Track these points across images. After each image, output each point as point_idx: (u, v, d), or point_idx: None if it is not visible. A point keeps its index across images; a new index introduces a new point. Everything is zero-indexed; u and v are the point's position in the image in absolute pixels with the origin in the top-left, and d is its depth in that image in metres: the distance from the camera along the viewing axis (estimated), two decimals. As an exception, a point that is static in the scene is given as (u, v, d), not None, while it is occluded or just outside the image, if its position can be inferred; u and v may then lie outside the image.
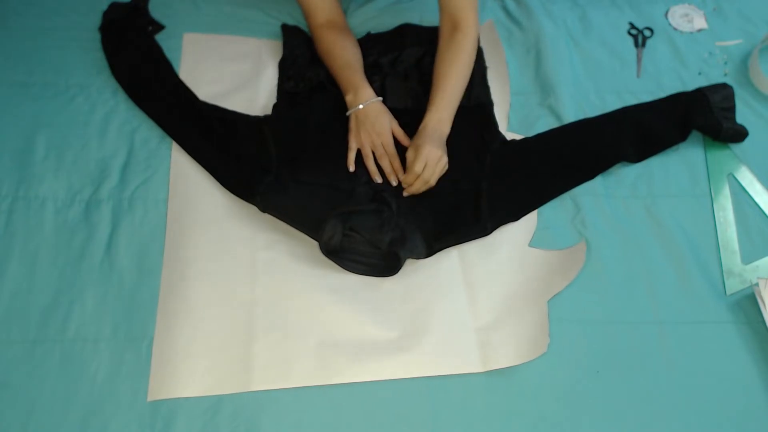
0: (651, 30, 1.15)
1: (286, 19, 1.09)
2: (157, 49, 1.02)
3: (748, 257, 0.88)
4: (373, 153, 0.89)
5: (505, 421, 0.74)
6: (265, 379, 0.74)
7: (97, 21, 1.04)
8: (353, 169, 0.89)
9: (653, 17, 1.17)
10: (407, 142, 0.90)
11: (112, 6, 1.06)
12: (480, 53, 1.05)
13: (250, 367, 0.75)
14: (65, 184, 0.87)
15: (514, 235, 0.88)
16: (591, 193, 0.93)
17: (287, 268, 0.83)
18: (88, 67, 0.99)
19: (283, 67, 1.02)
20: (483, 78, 1.02)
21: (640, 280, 0.85)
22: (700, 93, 1.02)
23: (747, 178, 0.96)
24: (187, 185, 0.89)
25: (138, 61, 1.00)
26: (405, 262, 0.82)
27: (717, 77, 1.08)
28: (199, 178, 0.90)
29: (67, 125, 0.93)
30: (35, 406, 0.71)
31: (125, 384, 0.73)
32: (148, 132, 0.93)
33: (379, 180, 0.88)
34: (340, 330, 0.78)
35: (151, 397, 0.72)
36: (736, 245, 0.89)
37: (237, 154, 0.91)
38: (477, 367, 0.76)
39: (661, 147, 0.98)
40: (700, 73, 1.09)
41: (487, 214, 0.87)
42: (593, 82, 1.06)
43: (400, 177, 0.88)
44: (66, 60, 1.00)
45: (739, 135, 0.99)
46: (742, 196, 0.95)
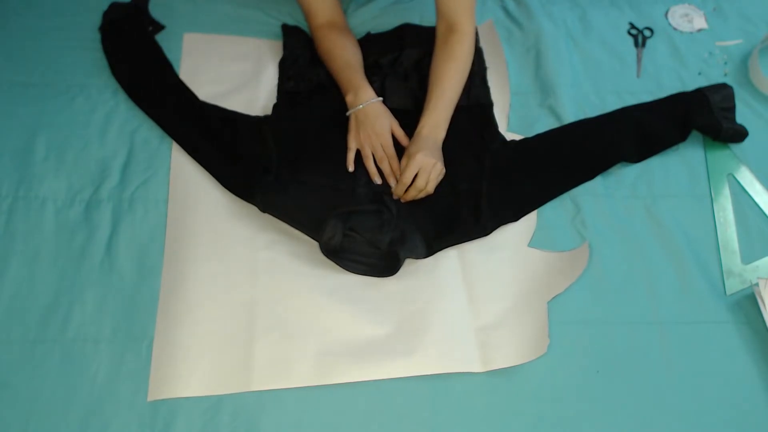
0: (651, 30, 1.15)
1: (286, 20, 1.09)
2: (157, 49, 1.02)
3: (748, 257, 0.88)
4: (373, 154, 0.89)
5: (505, 421, 0.74)
6: (266, 379, 0.74)
7: (97, 21, 1.04)
8: (352, 169, 0.89)
9: (653, 17, 1.17)
10: (407, 143, 0.90)
11: (112, 6, 1.06)
12: (479, 53, 1.05)
13: (250, 367, 0.75)
14: (65, 184, 0.87)
15: (513, 235, 0.88)
16: (591, 193, 0.93)
17: (287, 268, 0.83)
18: (89, 68, 0.99)
19: (283, 67, 1.02)
20: (483, 78, 1.02)
21: (640, 280, 0.85)
22: (700, 93, 1.02)
23: (747, 178, 0.96)
24: (187, 185, 0.89)
25: (138, 61, 1.00)
26: (404, 262, 0.82)
27: (717, 77, 1.08)
28: (199, 178, 0.90)
29: (68, 125, 0.93)
30: (35, 406, 0.71)
31: (125, 384, 0.73)
32: (148, 132, 0.94)
33: (378, 181, 0.88)
34: (340, 330, 0.78)
35: (151, 397, 0.72)
36: (736, 245, 0.89)
37: (237, 154, 0.91)
38: (477, 367, 0.76)
39: (661, 147, 0.98)
40: (700, 73, 1.09)
41: (486, 214, 0.87)
42: (593, 82, 1.06)
43: (398, 177, 0.88)
44: (66, 60, 1.00)
45: (739, 135, 0.99)
46: (742, 196, 0.95)
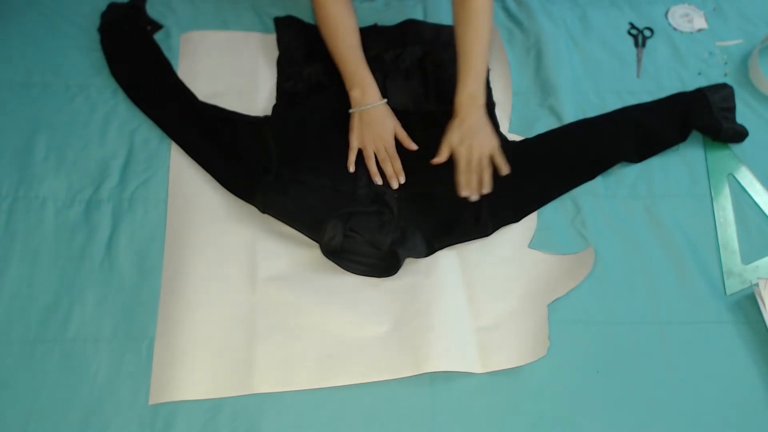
0: (651, 30, 1.15)
1: (281, 14, 1.08)
2: (156, 48, 1.02)
3: (748, 257, 0.88)
4: (375, 155, 0.89)
5: (505, 421, 0.74)
6: (267, 381, 0.74)
7: (96, 21, 1.04)
8: (353, 169, 0.89)
9: (653, 17, 1.17)
10: (411, 146, 0.90)
11: (111, 6, 1.06)
12: None
13: (251, 369, 0.75)
14: (65, 184, 0.87)
15: (514, 236, 0.88)
16: (591, 193, 0.93)
17: (287, 269, 0.83)
18: (88, 68, 0.99)
19: (280, 66, 1.02)
20: (485, 80, 1.02)
21: (640, 281, 0.85)
22: (700, 93, 1.02)
23: (747, 178, 0.96)
24: (187, 185, 0.89)
25: (137, 61, 1.00)
26: (404, 261, 0.82)
27: (717, 77, 1.08)
28: (199, 178, 0.89)
29: (67, 125, 0.93)
30: (35, 406, 0.71)
31: (125, 384, 0.73)
32: (148, 132, 0.93)
33: (379, 182, 0.88)
34: (341, 331, 0.78)
35: (152, 401, 0.72)
36: (736, 245, 0.89)
37: (237, 155, 0.91)
38: (477, 368, 0.76)
39: (661, 147, 0.97)
40: (700, 73, 1.09)
41: (487, 214, 0.87)
42: (593, 82, 1.06)
43: (401, 180, 0.89)
44: (66, 60, 1.00)
45: (739, 135, 0.99)
46: (742, 196, 0.95)
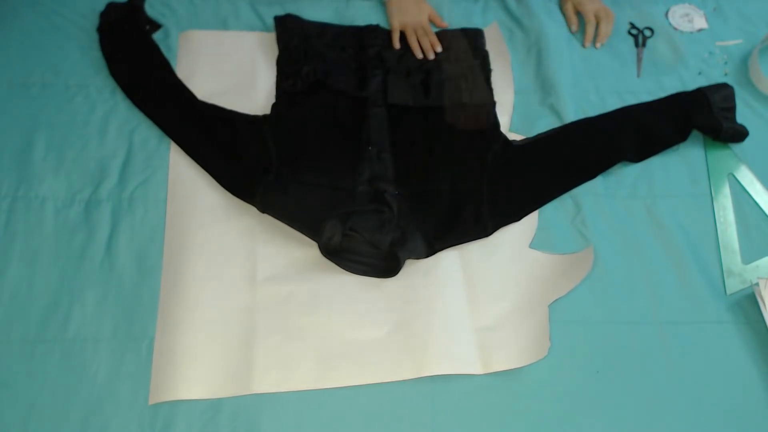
0: (651, 30, 1.14)
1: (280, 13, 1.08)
2: (155, 48, 1.02)
3: (748, 257, 0.88)
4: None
5: (505, 421, 0.74)
6: (266, 382, 0.74)
7: (95, 21, 1.04)
8: (398, 46, 1.04)
9: (653, 17, 1.17)
10: (443, 23, 1.08)
11: (110, 6, 1.05)
12: (485, 56, 1.05)
13: (250, 370, 0.75)
14: (65, 184, 0.87)
15: (514, 236, 0.88)
16: (591, 193, 0.93)
17: (287, 269, 0.82)
18: (87, 67, 0.99)
19: (280, 65, 1.02)
20: (486, 80, 1.02)
21: (640, 280, 0.85)
22: (700, 93, 1.02)
23: (747, 178, 0.96)
24: (187, 185, 0.89)
25: (136, 61, 1.00)
26: (405, 262, 0.82)
27: (717, 77, 1.08)
28: (199, 178, 0.89)
29: (67, 125, 0.93)
30: (35, 406, 0.71)
31: (125, 384, 0.73)
32: (147, 131, 0.93)
33: (420, 56, 1.03)
34: (341, 332, 0.78)
35: (152, 401, 0.72)
36: (736, 245, 0.89)
37: (236, 155, 0.91)
38: (477, 369, 0.76)
39: (661, 147, 0.97)
40: (700, 73, 1.09)
41: (487, 214, 0.87)
42: (593, 82, 1.06)
43: (437, 49, 1.03)
44: (65, 60, 1.00)
45: (739, 135, 0.99)
46: (742, 196, 0.95)
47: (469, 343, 0.78)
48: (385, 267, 0.82)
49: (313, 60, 1.00)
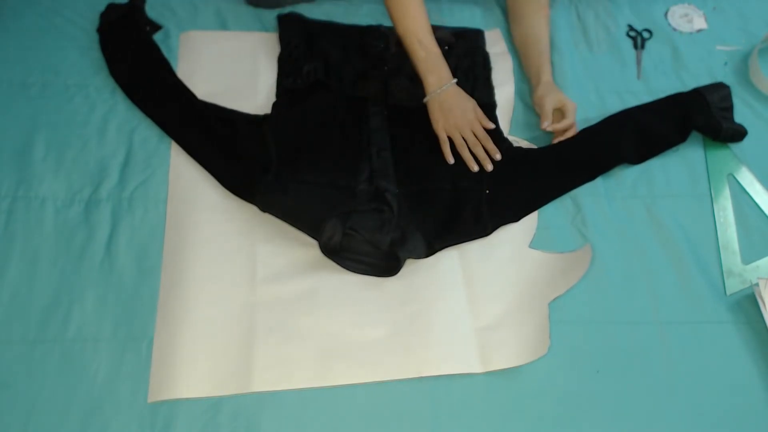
0: (650, 32, 1.15)
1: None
2: (155, 49, 1.02)
3: (748, 257, 0.88)
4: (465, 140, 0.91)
5: (505, 421, 0.74)
6: (266, 380, 0.74)
7: (95, 20, 1.04)
8: (452, 161, 0.91)
9: (653, 17, 1.17)
10: (490, 124, 0.93)
11: (110, 7, 1.06)
12: (486, 56, 1.06)
13: (250, 368, 0.75)
14: (65, 184, 0.87)
15: (514, 235, 0.88)
16: (591, 193, 0.93)
17: (287, 269, 0.82)
18: (87, 67, 0.99)
19: (281, 62, 1.02)
20: (487, 79, 1.02)
21: (640, 280, 0.85)
22: (698, 93, 1.02)
23: (747, 178, 0.96)
24: (187, 185, 0.89)
25: (136, 61, 1.00)
26: (405, 262, 0.82)
27: (717, 77, 1.08)
28: (199, 177, 0.89)
29: (66, 125, 0.93)
30: (35, 406, 0.71)
31: (125, 384, 0.73)
32: (147, 131, 0.93)
33: (475, 168, 0.90)
34: (341, 331, 0.78)
35: (151, 399, 0.72)
36: (736, 245, 0.89)
37: (237, 154, 0.91)
38: (477, 368, 0.76)
39: (661, 148, 0.97)
40: (700, 74, 1.09)
41: (487, 214, 0.87)
42: (593, 82, 1.06)
43: (497, 158, 0.91)
44: (64, 60, 1.00)
45: (738, 135, 0.99)
46: (742, 196, 0.95)
47: (469, 342, 0.78)
48: (386, 266, 0.82)
49: (314, 59, 1.00)
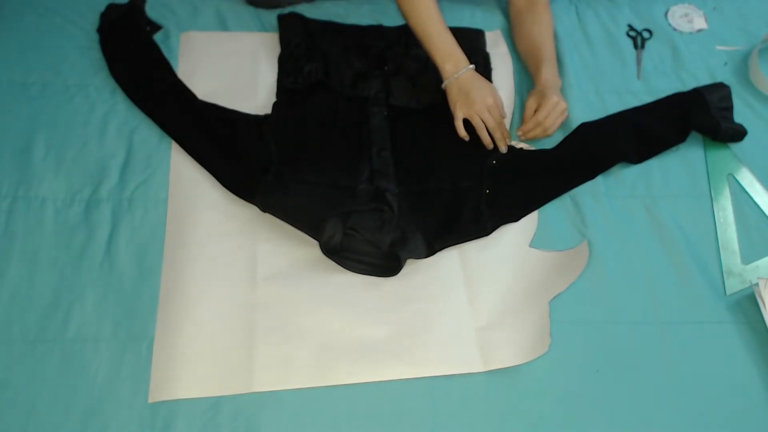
0: (650, 32, 1.15)
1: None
2: (155, 49, 1.02)
3: (748, 257, 0.88)
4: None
5: (505, 421, 0.74)
6: (266, 380, 0.74)
7: (95, 20, 1.04)
8: (467, 137, 0.93)
9: (653, 17, 1.17)
10: (504, 113, 0.94)
11: (110, 7, 1.06)
12: (486, 57, 1.06)
13: (250, 368, 0.75)
14: (65, 184, 0.87)
15: (514, 235, 0.88)
16: (591, 192, 0.93)
17: (287, 269, 0.82)
18: (87, 67, 0.99)
19: (281, 62, 1.02)
20: (487, 80, 1.02)
21: (640, 280, 0.85)
22: (698, 93, 1.02)
23: (747, 179, 0.96)
24: (187, 185, 0.89)
25: (136, 62, 1.00)
26: (405, 262, 0.82)
27: (717, 77, 1.08)
28: (199, 177, 0.89)
29: (66, 125, 0.93)
30: (35, 406, 0.71)
31: (125, 384, 0.73)
32: (147, 131, 0.93)
33: (490, 147, 0.93)
34: (341, 330, 0.78)
35: (152, 399, 0.72)
36: (736, 245, 0.89)
37: (237, 154, 0.91)
38: (477, 367, 0.76)
39: (661, 148, 0.97)
40: (701, 73, 1.09)
41: (487, 214, 0.87)
42: (593, 82, 1.06)
43: (509, 142, 0.93)
44: (64, 60, 1.00)
45: (737, 134, 0.99)
46: (742, 196, 0.95)
47: (469, 342, 0.78)
48: (386, 266, 0.82)
49: (315, 59, 1.00)
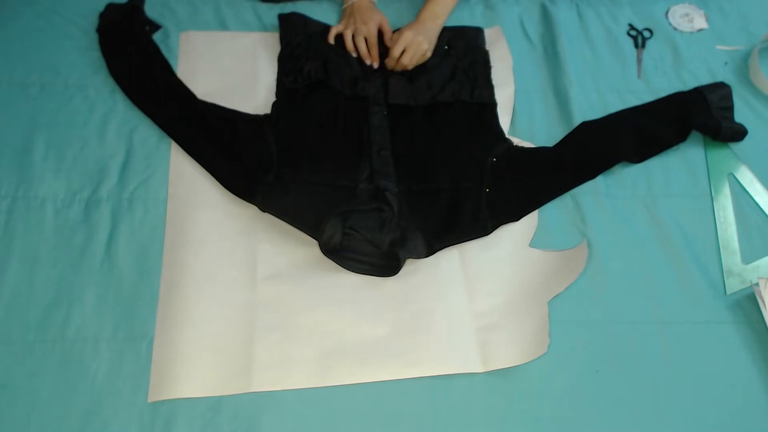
0: (650, 31, 1.14)
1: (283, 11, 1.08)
2: (155, 49, 1.02)
3: (748, 257, 0.88)
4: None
5: (505, 421, 0.74)
6: (266, 380, 0.74)
7: (95, 20, 1.04)
8: (332, 41, 1.01)
9: (654, 17, 1.17)
10: (390, 33, 1.01)
11: (109, 7, 1.05)
12: (485, 55, 1.05)
13: (250, 368, 0.75)
14: (65, 184, 0.87)
15: (514, 235, 0.88)
16: (591, 192, 0.93)
17: (287, 269, 0.82)
18: (87, 67, 0.99)
19: (281, 61, 1.02)
20: (487, 78, 1.02)
21: (640, 280, 0.85)
22: (698, 93, 1.02)
23: (747, 178, 0.96)
24: (187, 185, 0.89)
25: (136, 61, 1.00)
26: (405, 262, 0.82)
27: (717, 77, 1.08)
28: (199, 177, 0.89)
29: (66, 125, 0.93)
30: (35, 406, 0.71)
31: (125, 384, 0.73)
32: (146, 131, 0.93)
33: (354, 55, 1.00)
34: (341, 331, 0.78)
35: (151, 398, 0.72)
36: (736, 245, 0.89)
37: (237, 154, 0.91)
38: (477, 368, 0.76)
39: (661, 147, 0.97)
40: (701, 73, 1.09)
41: (487, 214, 0.87)
42: (594, 81, 1.06)
43: (375, 64, 1.00)
44: (64, 60, 0.99)
45: (738, 134, 0.99)
46: (742, 196, 0.95)
47: (469, 342, 0.78)
48: (386, 266, 0.82)
49: (315, 58, 1.00)
